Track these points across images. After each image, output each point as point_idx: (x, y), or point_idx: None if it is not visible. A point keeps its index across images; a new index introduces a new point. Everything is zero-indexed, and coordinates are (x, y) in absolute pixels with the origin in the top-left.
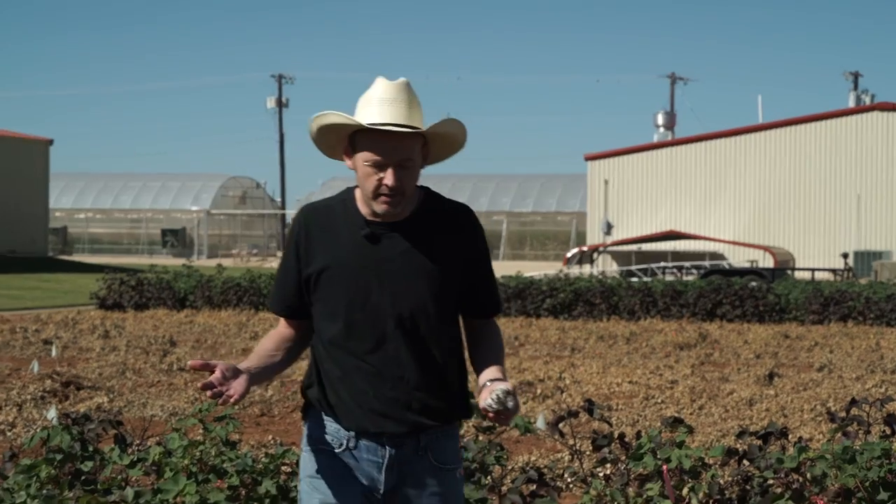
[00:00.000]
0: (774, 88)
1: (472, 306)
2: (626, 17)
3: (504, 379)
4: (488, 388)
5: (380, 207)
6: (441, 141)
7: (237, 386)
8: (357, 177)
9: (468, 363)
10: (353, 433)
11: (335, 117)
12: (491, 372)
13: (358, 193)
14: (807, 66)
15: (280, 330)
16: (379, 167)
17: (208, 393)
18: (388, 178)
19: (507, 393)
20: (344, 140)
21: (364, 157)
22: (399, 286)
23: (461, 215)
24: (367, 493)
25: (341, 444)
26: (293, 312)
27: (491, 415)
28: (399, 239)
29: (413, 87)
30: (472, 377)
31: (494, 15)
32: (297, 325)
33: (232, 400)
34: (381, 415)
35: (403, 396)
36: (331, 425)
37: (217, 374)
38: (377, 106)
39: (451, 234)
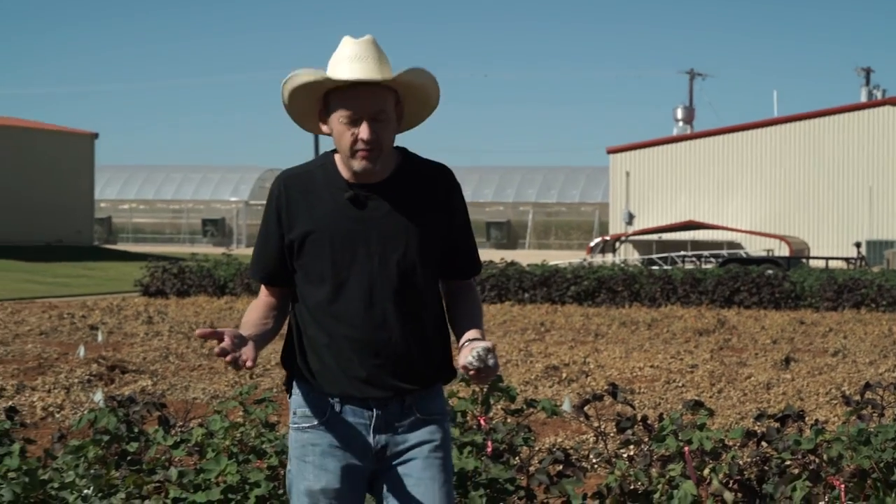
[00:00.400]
0: (789, 84)
1: (453, 267)
2: (647, 15)
3: (483, 339)
4: (468, 346)
5: (358, 164)
6: (413, 96)
7: (248, 352)
8: (334, 139)
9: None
10: (337, 399)
11: (304, 76)
12: (471, 333)
13: (337, 157)
14: (820, 62)
15: (263, 299)
16: (353, 122)
17: (227, 358)
18: (363, 131)
19: (488, 350)
20: (318, 105)
21: (338, 115)
22: (386, 247)
23: (441, 175)
24: (359, 458)
25: (325, 412)
26: (274, 279)
27: (472, 372)
28: (382, 200)
29: (379, 42)
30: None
31: (519, 13)
32: (279, 293)
33: (248, 364)
34: (365, 381)
35: (389, 363)
36: (314, 394)
37: (227, 341)
38: (346, 63)
39: (433, 194)
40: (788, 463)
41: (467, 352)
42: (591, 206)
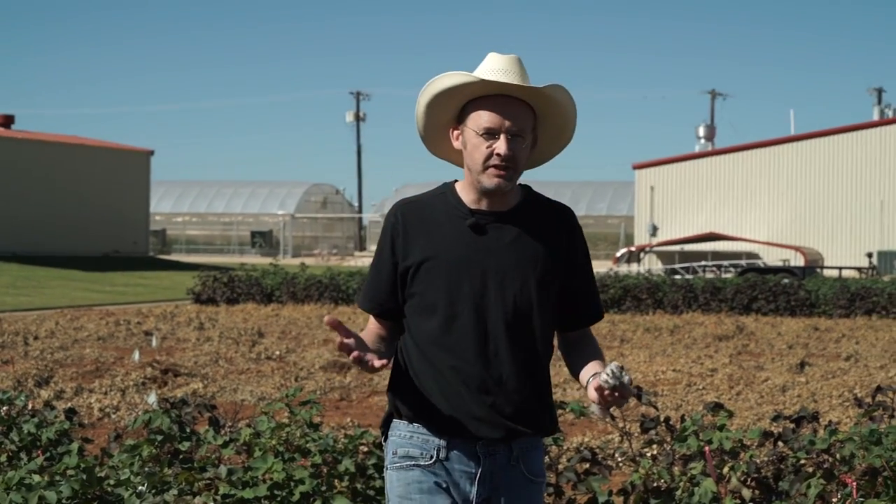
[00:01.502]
0: (805, 103)
1: (573, 308)
2: (671, 39)
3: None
4: (596, 376)
5: (490, 181)
6: (551, 123)
7: (376, 355)
8: (465, 154)
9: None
10: (444, 441)
11: (452, 78)
12: (593, 366)
13: (459, 185)
14: (835, 83)
15: (372, 329)
16: (491, 134)
17: (354, 354)
18: (501, 145)
19: (621, 367)
20: (453, 116)
21: (476, 124)
22: (504, 278)
23: (564, 214)
24: None
25: (432, 457)
26: (385, 311)
27: (607, 392)
28: (505, 229)
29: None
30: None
31: (553, 39)
32: (388, 326)
33: (377, 364)
34: (476, 419)
35: (501, 399)
36: (419, 436)
37: (351, 340)
38: (490, 76)
39: (555, 231)
40: (803, 462)
41: (596, 380)
42: (618, 219)
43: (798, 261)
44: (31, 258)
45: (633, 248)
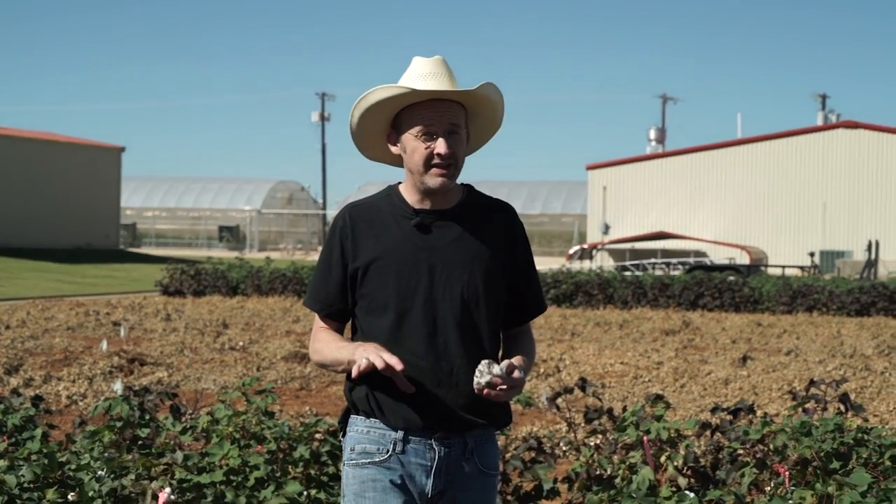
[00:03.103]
0: (752, 108)
1: (517, 303)
2: (624, 44)
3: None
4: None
5: (434, 180)
6: (481, 115)
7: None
8: (405, 158)
9: None
10: (400, 434)
11: (384, 91)
12: (514, 359)
13: (402, 187)
14: (781, 88)
15: (324, 330)
16: (429, 136)
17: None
18: (440, 145)
19: (488, 363)
20: (387, 126)
21: (413, 131)
22: (451, 275)
23: (505, 210)
24: (415, 500)
25: (388, 451)
26: (333, 312)
27: (485, 391)
28: (449, 227)
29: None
30: None
31: (507, 40)
32: (335, 327)
33: (399, 367)
34: (431, 411)
35: (453, 392)
36: (376, 431)
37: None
38: (421, 80)
39: (496, 227)
40: (741, 452)
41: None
42: (572, 217)
43: (743, 259)
44: (5, 250)
45: (585, 246)
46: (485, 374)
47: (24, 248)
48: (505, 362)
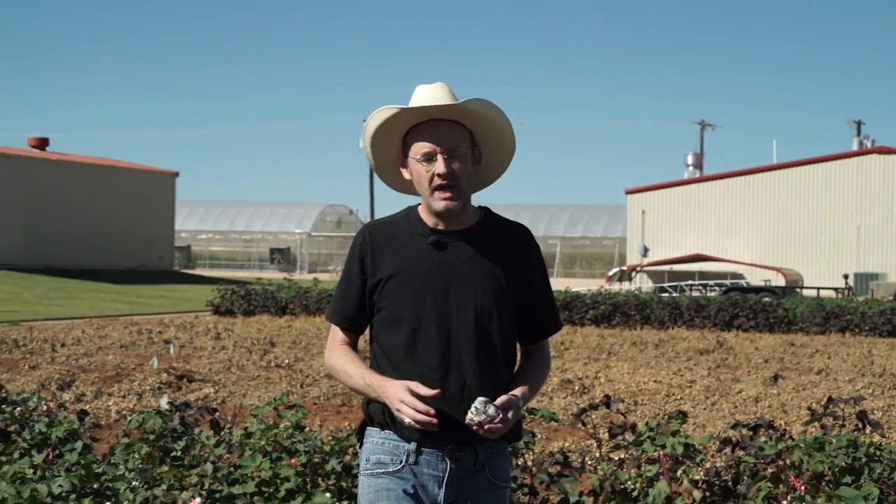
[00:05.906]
0: (788, 134)
1: (531, 321)
2: (664, 72)
3: (525, 395)
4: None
5: (438, 203)
6: (488, 135)
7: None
8: (415, 183)
9: None
10: (413, 446)
11: (380, 113)
12: (517, 391)
13: (420, 208)
14: (816, 114)
15: (344, 346)
16: (429, 159)
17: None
18: (439, 166)
19: (485, 401)
20: (398, 153)
21: (415, 152)
22: (465, 292)
23: (521, 232)
24: None
25: (402, 462)
26: (352, 325)
27: (475, 427)
28: (464, 246)
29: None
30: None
31: (551, 71)
32: (353, 340)
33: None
34: (443, 424)
35: (464, 407)
36: (390, 442)
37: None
38: (421, 103)
39: (512, 248)
40: (760, 467)
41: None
42: (612, 240)
43: (779, 281)
44: (64, 271)
45: (624, 268)
46: (480, 412)
47: (83, 269)
48: (503, 398)
